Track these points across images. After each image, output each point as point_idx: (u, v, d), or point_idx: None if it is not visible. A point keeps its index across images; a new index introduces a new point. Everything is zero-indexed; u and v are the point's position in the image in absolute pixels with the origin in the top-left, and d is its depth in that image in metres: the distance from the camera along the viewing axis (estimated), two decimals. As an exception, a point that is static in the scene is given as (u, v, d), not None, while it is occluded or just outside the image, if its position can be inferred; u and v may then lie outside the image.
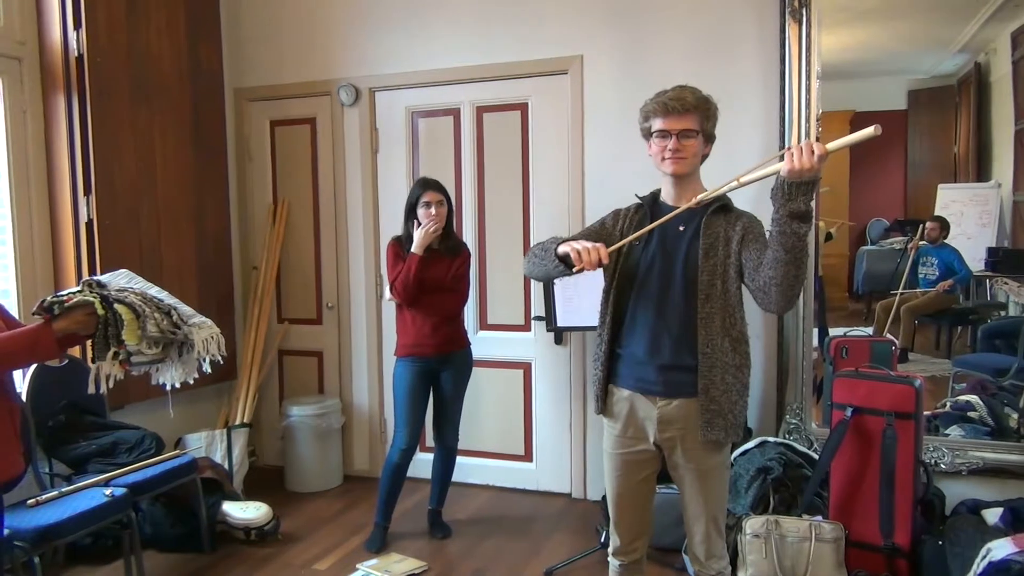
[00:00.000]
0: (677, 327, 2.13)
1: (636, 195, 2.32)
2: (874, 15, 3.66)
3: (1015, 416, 3.38)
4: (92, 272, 3.52)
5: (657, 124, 2.15)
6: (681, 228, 2.17)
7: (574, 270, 2.03)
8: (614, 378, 2.25)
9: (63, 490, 2.98)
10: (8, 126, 3.46)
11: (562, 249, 2.05)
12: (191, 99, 4.15)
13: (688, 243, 2.14)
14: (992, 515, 2.96)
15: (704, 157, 2.22)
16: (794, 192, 1.86)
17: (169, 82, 4.00)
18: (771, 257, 1.94)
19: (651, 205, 2.25)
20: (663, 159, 2.16)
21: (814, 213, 3.47)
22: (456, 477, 3.77)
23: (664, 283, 2.15)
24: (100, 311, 2.06)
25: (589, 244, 1.99)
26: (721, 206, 2.16)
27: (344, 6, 4.35)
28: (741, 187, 2.00)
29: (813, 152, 1.81)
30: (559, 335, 4.05)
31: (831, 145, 1.83)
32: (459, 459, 3.74)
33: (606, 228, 2.29)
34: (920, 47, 3.86)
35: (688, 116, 2.12)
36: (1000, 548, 2.51)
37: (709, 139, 2.20)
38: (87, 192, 3.58)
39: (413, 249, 3.36)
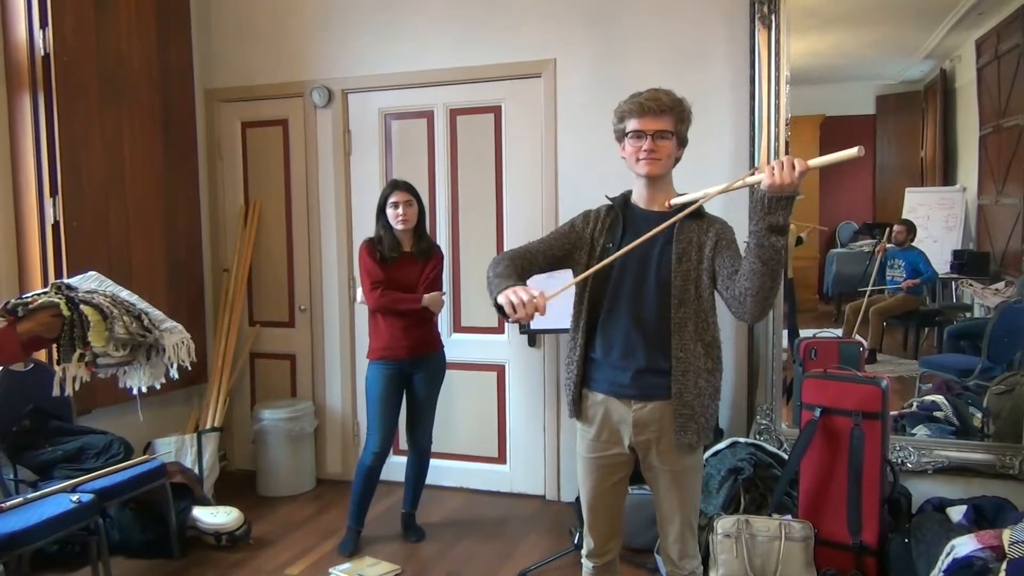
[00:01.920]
0: (651, 332, 2.14)
1: (606, 196, 2.33)
2: (842, 21, 3.72)
3: (979, 416, 3.44)
4: (59, 275, 3.46)
5: (632, 125, 2.15)
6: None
7: (509, 320, 1.97)
8: (588, 382, 2.25)
9: (28, 496, 2.92)
10: (-29, 126, 3.40)
11: (500, 299, 1.96)
12: (161, 99, 4.11)
13: (661, 248, 2.15)
14: (956, 513, 3.01)
15: (676, 160, 2.23)
16: (773, 206, 1.87)
17: (138, 82, 3.95)
18: (748, 268, 1.95)
19: (622, 207, 2.26)
20: (637, 160, 2.16)
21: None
22: (430, 480, 3.76)
23: (637, 288, 2.16)
24: (66, 312, 2.03)
25: (525, 296, 1.91)
26: (693, 212, 2.17)
27: (317, 7, 4.33)
28: (719, 195, 2.03)
29: (794, 168, 1.83)
30: (532, 337, 4.06)
31: (812, 162, 1.85)
32: (433, 462, 3.73)
33: (575, 230, 2.28)
34: (888, 53, 3.92)
35: (664, 117, 2.13)
36: (964, 545, 2.55)
37: (682, 142, 2.21)
38: (53, 193, 3.52)
39: (423, 302, 3.38)
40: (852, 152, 1.74)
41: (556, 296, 1.97)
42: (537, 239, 2.32)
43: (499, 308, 1.98)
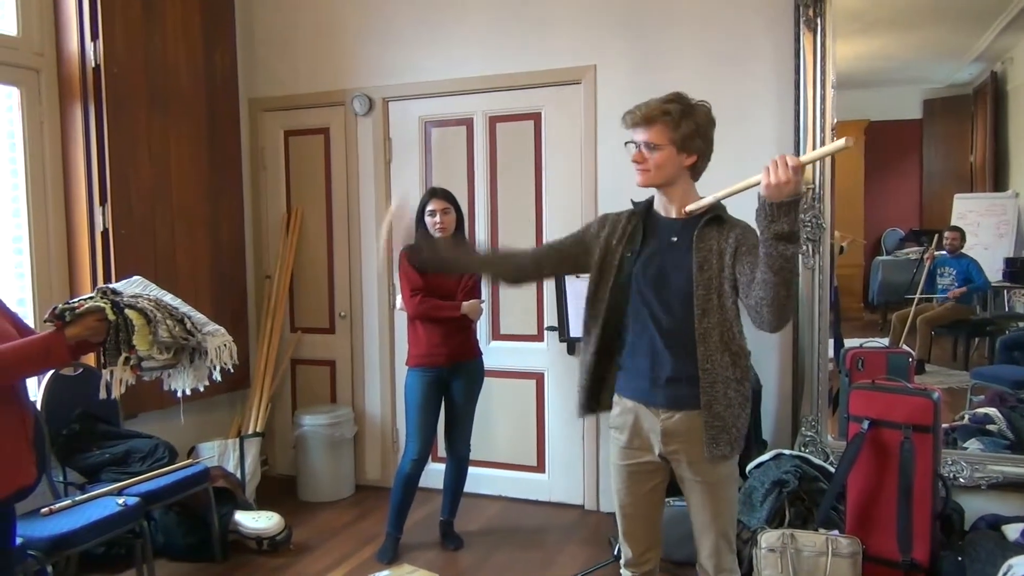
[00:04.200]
0: (676, 342, 2.10)
1: (631, 200, 2.29)
2: (889, 24, 3.65)
3: (1035, 429, 3.33)
4: (107, 281, 3.54)
5: (629, 135, 2.16)
6: (673, 239, 2.14)
7: None
8: (618, 388, 2.24)
9: (76, 499, 2.99)
10: (26, 136, 3.49)
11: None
12: (206, 109, 4.18)
13: (682, 257, 2.11)
14: (1013, 531, 2.91)
15: (695, 168, 2.15)
16: (776, 213, 1.82)
17: (185, 92, 4.03)
18: (760, 278, 1.91)
19: (644, 214, 2.22)
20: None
21: (802, 233, 3.44)
22: (468, 488, 3.75)
23: (660, 298, 2.11)
24: (111, 316, 2.06)
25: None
26: (715, 217, 2.11)
27: (358, 17, 4.37)
28: (719, 200, 2.02)
29: (788, 165, 1.79)
30: (572, 345, 4.03)
31: (805, 157, 1.86)
32: (471, 469, 3.72)
33: (589, 232, 2.27)
34: (935, 56, 3.84)
35: (650, 128, 2.08)
36: (1022, 564, 2.47)
37: (688, 150, 2.11)
38: (103, 201, 3.61)
39: (462, 309, 3.39)
40: (840, 144, 1.76)
41: None
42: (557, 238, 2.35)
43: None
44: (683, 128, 2.08)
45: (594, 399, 2.28)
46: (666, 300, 2.11)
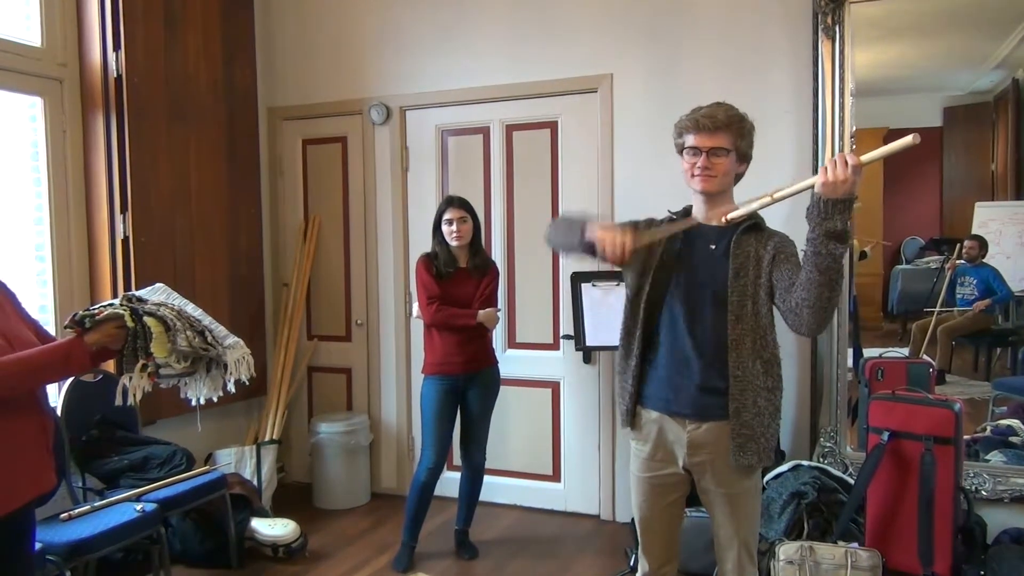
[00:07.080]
0: (707, 349, 2.10)
1: (668, 210, 2.30)
2: (908, 31, 3.62)
3: (1059, 442, 3.28)
4: (127, 289, 3.57)
5: (689, 140, 2.13)
6: (711, 247, 2.14)
7: (596, 257, 2.08)
8: (642, 399, 2.22)
9: (95, 505, 3.01)
10: (48, 145, 3.53)
11: (590, 235, 2.06)
12: (226, 118, 4.22)
13: (718, 263, 2.11)
14: (1036, 544, 2.87)
15: (738, 177, 2.20)
16: (830, 211, 1.83)
17: (204, 102, 4.07)
18: (804, 278, 1.91)
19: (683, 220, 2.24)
20: (692, 175, 2.14)
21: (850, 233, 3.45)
22: (483, 497, 3.74)
23: (693, 303, 2.12)
24: (129, 323, 2.07)
25: (618, 237, 2.00)
26: (752, 225, 2.13)
27: (375, 26, 4.40)
28: (773, 204, 1.98)
29: (847, 164, 1.78)
30: (588, 354, 4.02)
31: (866, 157, 1.80)
32: (486, 478, 3.72)
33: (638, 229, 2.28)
34: (955, 63, 3.80)
35: (719, 134, 2.10)
36: (1046, 579, 2.43)
37: (743, 158, 2.17)
38: (123, 210, 3.65)
39: (478, 318, 3.39)
40: (907, 140, 1.68)
41: (643, 246, 2.11)
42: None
43: (588, 245, 2.08)
44: (746, 137, 2.14)
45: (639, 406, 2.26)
46: (700, 306, 2.11)
